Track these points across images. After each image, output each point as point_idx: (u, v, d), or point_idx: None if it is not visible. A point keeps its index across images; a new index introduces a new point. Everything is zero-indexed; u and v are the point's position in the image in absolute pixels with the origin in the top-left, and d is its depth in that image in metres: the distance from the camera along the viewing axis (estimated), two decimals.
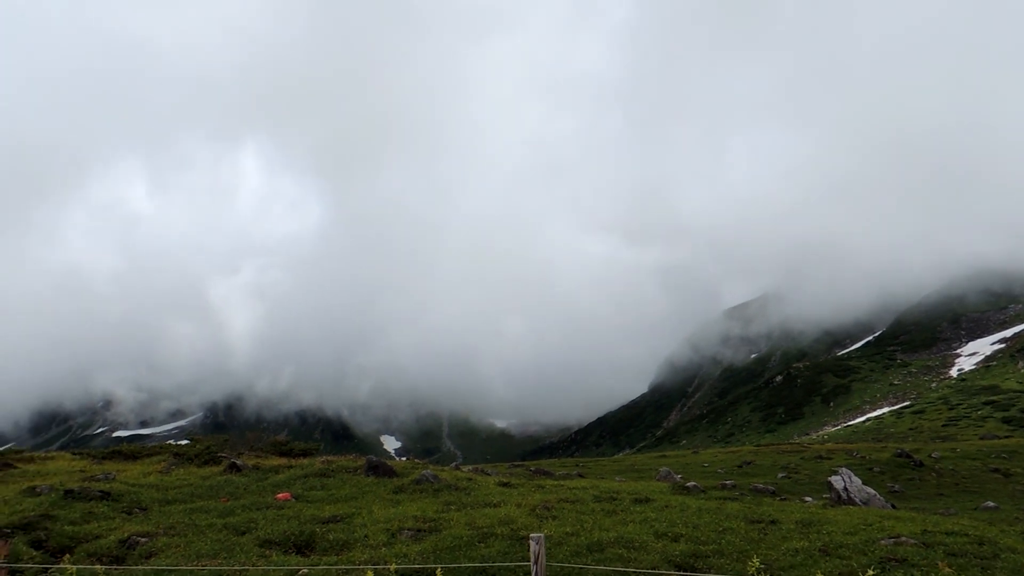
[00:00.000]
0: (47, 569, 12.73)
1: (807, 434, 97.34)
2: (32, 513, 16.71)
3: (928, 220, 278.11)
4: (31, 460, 31.75)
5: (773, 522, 16.01)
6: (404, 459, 40.48)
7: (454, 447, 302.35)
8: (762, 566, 11.88)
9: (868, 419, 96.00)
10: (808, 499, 25.99)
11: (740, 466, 45.77)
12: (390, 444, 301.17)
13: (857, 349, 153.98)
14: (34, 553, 14.17)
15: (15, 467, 27.98)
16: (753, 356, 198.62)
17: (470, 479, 23.63)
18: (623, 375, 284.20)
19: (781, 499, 24.29)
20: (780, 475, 39.90)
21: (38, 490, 19.82)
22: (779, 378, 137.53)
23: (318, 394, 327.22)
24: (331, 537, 14.67)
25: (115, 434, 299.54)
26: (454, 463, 49.12)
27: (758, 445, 73.17)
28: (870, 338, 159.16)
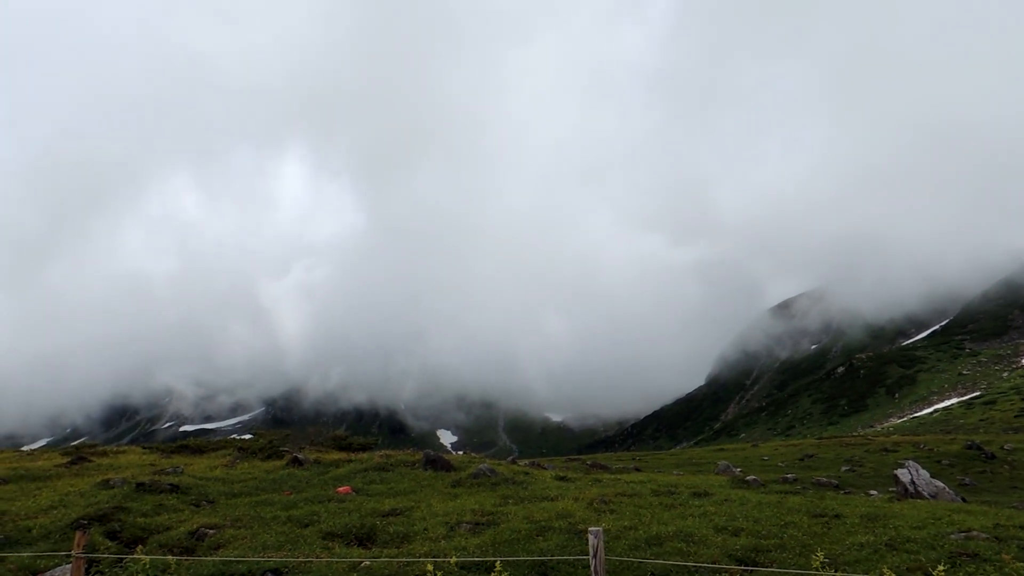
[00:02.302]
0: (122, 559, 13.22)
1: (871, 426, 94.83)
2: (107, 505, 17.39)
3: (973, 210, 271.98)
4: (104, 454, 33.07)
5: (837, 516, 15.66)
6: (461, 453, 40.85)
7: (510, 441, 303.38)
8: (826, 560, 11.63)
9: (936, 410, 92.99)
10: (873, 493, 25.38)
11: (801, 459, 44.87)
12: (446, 439, 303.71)
13: (923, 339, 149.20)
14: (109, 544, 14.75)
15: (90, 460, 29.16)
16: (813, 348, 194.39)
17: (527, 473, 23.73)
18: (678, 369, 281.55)
19: (845, 493, 23.79)
20: (843, 468, 38.98)
21: (112, 483, 20.61)
22: (841, 369, 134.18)
23: (368, 391, 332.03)
24: (391, 530, 14.89)
25: (181, 428, 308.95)
26: (510, 457, 49.29)
27: (820, 438, 71.59)
28: (936, 327, 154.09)
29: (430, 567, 9.20)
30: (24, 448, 64.41)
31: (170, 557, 12.64)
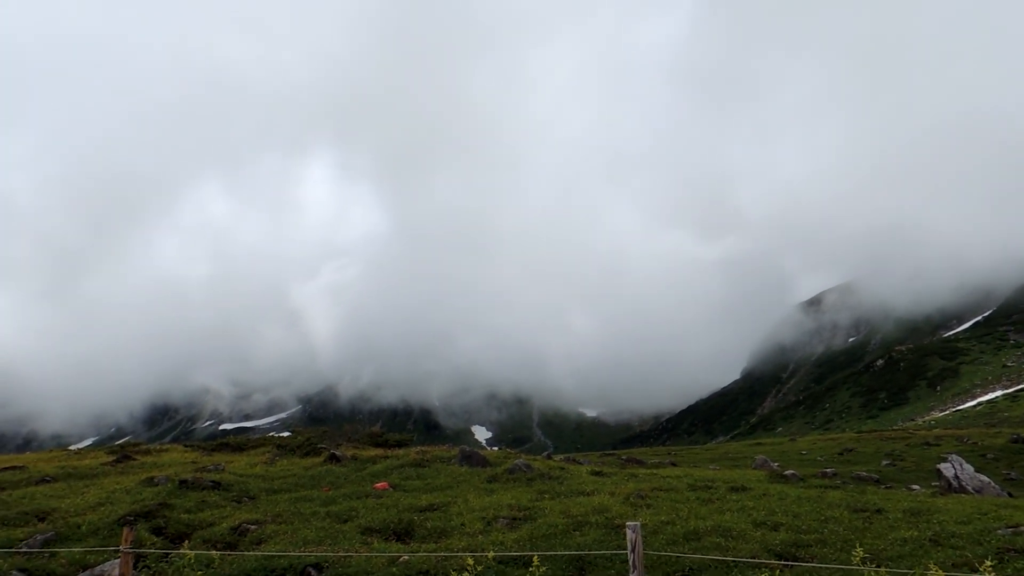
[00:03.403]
0: (168, 554, 13.51)
1: (912, 420, 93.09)
2: (151, 502, 17.77)
3: (999, 200, 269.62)
4: (148, 452, 33.77)
5: (879, 511, 15.44)
6: (496, 449, 40.94)
7: (544, 437, 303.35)
8: (868, 556, 11.48)
9: (979, 403, 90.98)
10: (915, 487, 24.96)
11: (840, 454, 44.26)
12: (481, 434, 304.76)
13: (965, 330, 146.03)
14: (155, 539, 15.09)
15: (134, 459, 29.81)
16: (851, 340, 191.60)
17: (562, 468, 23.73)
18: (711, 363, 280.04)
19: (886, 487, 23.43)
20: (884, 463, 38.36)
21: (156, 480, 21.06)
22: (880, 362, 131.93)
23: (401, 390, 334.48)
24: (429, 525, 15.01)
25: (221, 427, 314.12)
26: (545, 452, 49.30)
27: (859, 432, 70.53)
28: (979, 318, 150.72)
29: (470, 561, 9.27)
30: (72, 447, 66.09)
31: (214, 552, 12.89)
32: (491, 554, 10.17)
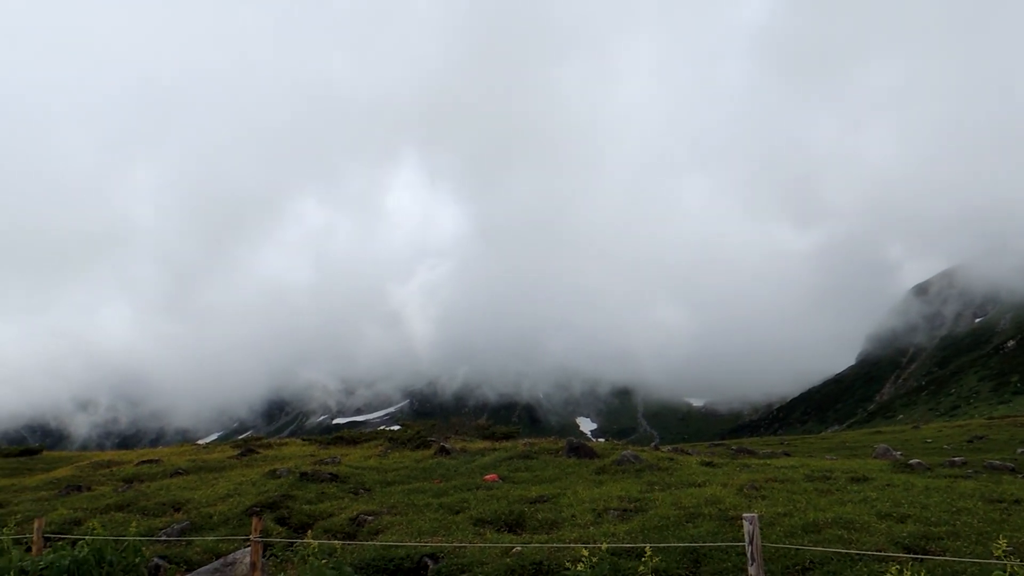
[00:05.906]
0: (292, 543, 14.17)
1: None
2: (275, 494, 18.68)
3: None
4: (269, 446, 35.47)
5: (1017, 502, 14.47)
6: (602, 440, 40.77)
7: (649, 427, 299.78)
8: (1009, 548, 10.77)
9: None
10: None
11: (969, 441, 41.65)
12: (586, 426, 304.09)
13: None
14: (280, 529, 15.88)
15: (257, 452, 31.39)
16: (977, 321, 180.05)
17: (671, 459, 23.40)
18: (821, 349, 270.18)
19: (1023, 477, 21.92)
20: (1020, 451, 35.85)
21: (278, 473, 22.11)
22: (1011, 343, 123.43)
23: (500, 387, 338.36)
24: (539, 516, 15.11)
25: (334, 421, 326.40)
26: (652, 443, 48.64)
27: (990, 418, 66.21)
28: None
29: (585, 552, 9.29)
30: (199, 441, 70.41)
31: (335, 542, 13.42)
32: (605, 545, 10.14)
